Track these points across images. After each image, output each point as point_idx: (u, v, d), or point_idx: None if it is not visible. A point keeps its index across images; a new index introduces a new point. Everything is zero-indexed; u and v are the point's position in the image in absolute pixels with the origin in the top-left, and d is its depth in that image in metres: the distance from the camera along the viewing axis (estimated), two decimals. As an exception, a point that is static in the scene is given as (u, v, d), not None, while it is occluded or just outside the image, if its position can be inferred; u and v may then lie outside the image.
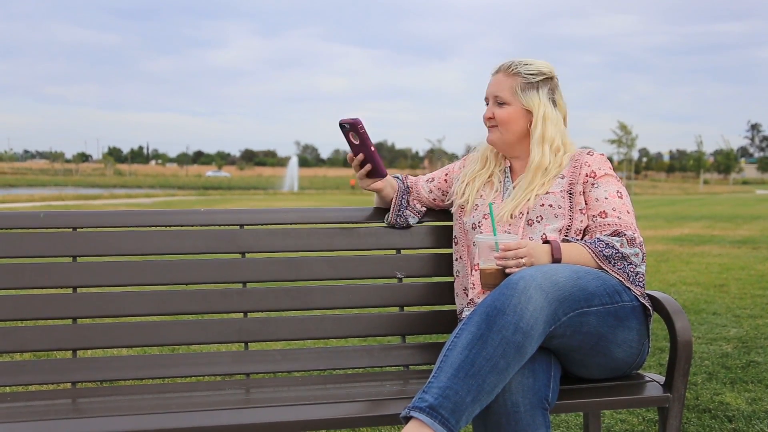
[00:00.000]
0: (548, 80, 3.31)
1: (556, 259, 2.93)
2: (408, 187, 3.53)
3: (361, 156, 3.36)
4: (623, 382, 3.04)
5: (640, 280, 3.01)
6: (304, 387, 3.18)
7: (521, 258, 2.86)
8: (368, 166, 3.38)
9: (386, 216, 3.54)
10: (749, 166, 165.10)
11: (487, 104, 3.36)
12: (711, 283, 9.71)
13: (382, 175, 3.42)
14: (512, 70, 3.29)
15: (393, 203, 3.50)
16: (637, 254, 3.00)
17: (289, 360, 3.39)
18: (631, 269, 2.98)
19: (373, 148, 3.32)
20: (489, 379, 2.50)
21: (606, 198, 3.14)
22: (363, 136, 3.28)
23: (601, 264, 2.96)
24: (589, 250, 2.98)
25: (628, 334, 2.88)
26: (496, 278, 2.89)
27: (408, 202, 3.52)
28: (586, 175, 3.18)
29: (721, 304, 8.08)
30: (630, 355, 2.95)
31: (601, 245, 2.99)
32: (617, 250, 2.98)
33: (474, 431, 2.72)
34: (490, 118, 3.32)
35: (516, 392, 2.60)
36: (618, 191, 3.16)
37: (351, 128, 3.28)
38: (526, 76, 3.27)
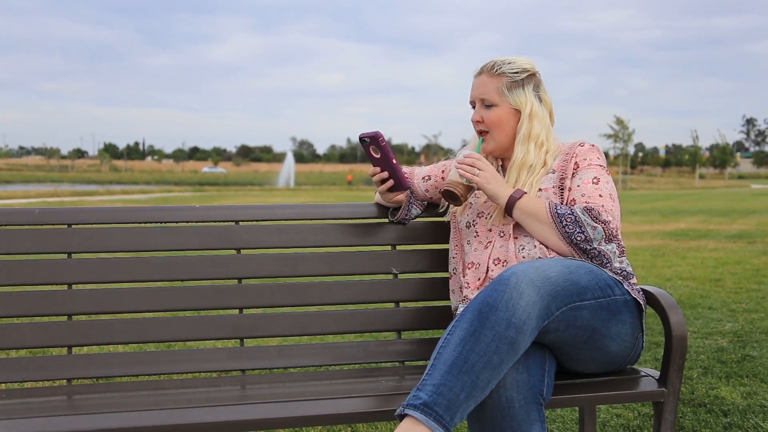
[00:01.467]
0: (532, 76, 3.26)
1: (512, 197, 3.07)
2: (411, 191, 3.51)
3: (384, 174, 3.34)
4: (618, 376, 3.04)
5: (603, 257, 2.98)
6: (300, 383, 3.18)
7: (478, 169, 3.07)
8: (390, 182, 3.36)
9: (391, 212, 3.54)
10: (745, 161, 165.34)
11: (474, 107, 3.31)
12: (706, 277, 9.72)
13: (405, 189, 3.40)
14: (496, 70, 3.23)
15: (403, 204, 3.50)
16: (595, 228, 2.96)
17: (284, 356, 3.39)
18: (580, 237, 2.95)
19: (395, 161, 3.29)
20: (482, 375, 2.50)
21: (578, 186, 3.09)
22: (384, 150, 3.26)
23: (552, 220, 2.99)
24: (547, 204, 3.03)
25: (622, 327, 2.88)
26: (455, 186, 3.09)
27: (413, 200, 3.52)
28: (572, 168, 3.17)
29: (716, 299, 8.10)
30: (624, 348, 2.95)
31: (559, 206, 3.02)
32: (573, 213, 2.98)
33: (469, 428, 2.72)
34: (479, 121, 3.27)
35: (510, 388, 2.60)
36: (594, 177, 3.10)
37: (371, 142, 3.26)
38: (510, 75, 3.22)
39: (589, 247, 2.96)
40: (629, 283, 2.98)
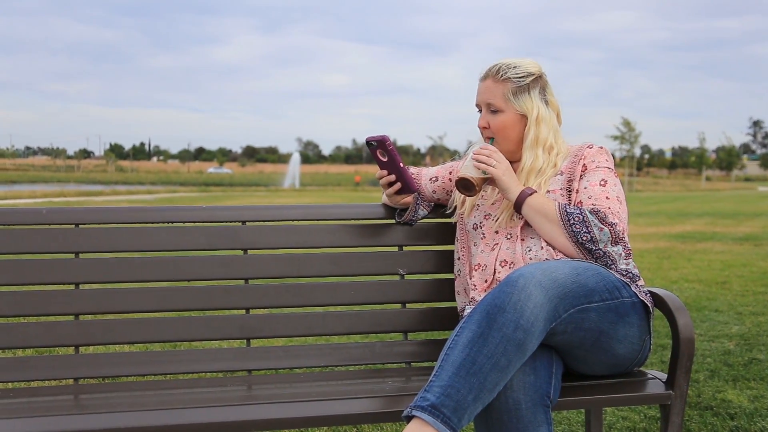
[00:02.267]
0: (538, 79, 3.25)
1: (524, 192, 3.08)
2: (419, 192, 3.51)
3: (392, 177, 3.35)
4: (625, 379, 3.04)
5: (608, 258, 2.98)
6: (306, 383, 3.19)
7: (495, 160, 3.10)
8: (398, 185, 3.36)
9: (398, 213, 3.54)
10: (751, 163, 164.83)
11: (480, 111, 3.31)
12: (713, 280, 9.71)
13: (413, 192, 3.40)
14: (501, 75, 3.22)
15: (410, 205, 3.49)
16: (602, 229, 2.96)
17: (291, 356, 3.39)
18: (586, 237, 2.96)
19: (402, 165, 3.29)
20: (490, 377, 2.49)
21: (585, 188, 3.10)
22: (391, 153, 3.26)
23: (560, 218, 2.99)
24: (557, 204, 3.04)
25: (629, 330, 2.88)
26: (470, 175, 3.10)
27: (420, 201, 3.51)
28: (581, 170, 3.16)
29: (723, 302, 8.09)
30: (631, 351, 2.94)
31: (568, 207, 3.02)
32: (581, 213, 2.98)
33: (476, 429, 2.72)
34: (486, 127, 3.27)
35: (517, 390, 2.60)
36: (602, 180, 3.10)
37: (378, 145, 3.27)
38: (515, 80, 3.20)
39: (594, 248, 2.96)
40: (636, 285, 2.98)
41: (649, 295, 3.02)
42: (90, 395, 3.08)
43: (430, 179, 3.52)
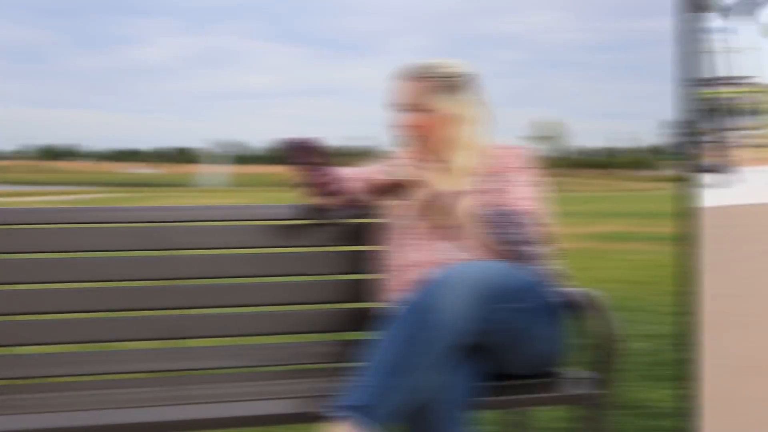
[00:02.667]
0: (466, 79, 3.23)
1: (452, 194, 3.09)
2: (345, 193, 3.51)
3: (318, 179, 3.34)
4: (550, 379, 3.08)
5: (535, 259, 3.03)
6: (230, 384, 3.18)
7: (420, 165, 3.13)
8: (323, 187, 3.36)
9: (325, 213, 3.51)
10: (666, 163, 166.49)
11: (401, 111, 3.25)
12: (639, 279, 9.83)
13: (340, 194, 3.39)
14: (428, 74, 3.19)
15: (337, 206, 3.48)
16: (528, 230, 3.00)
17: (218, 357, 3.38)
18: (513, 239, 2.99)
19: (327, 166, 3.30)
20: (415, 377, 2.52)
21: (511, 189, 3.13)
22: (316, 155, 3.27)
23: (487, 220, 3.02)
24: (485, 205, 3.06)
25: (553, 329, 2.92)
26: (398, 180, 3.16)
27: (347, 201, 3.51)
28: (506, 171, 3.16)
29: (649, 301, 8.19)
30: (555, 350, 2.98)
31: (494, 208, 3.05)
32: (507, 215, 3.02)
33: (401, 430, 2.73)
34: (407, 126, 3.22)
35: (442, 390, 2.62)
36: (530, 181, 3.14)
37: (302, 147, 3.28)
38: (443, 79, 3.18)
39: (522, 249, 2.99)
40: (561, 285, 3.01)
41: (575, 294, 3.05)
42: (21, 396, 3.05)
43: (358, 179, 3.51)
